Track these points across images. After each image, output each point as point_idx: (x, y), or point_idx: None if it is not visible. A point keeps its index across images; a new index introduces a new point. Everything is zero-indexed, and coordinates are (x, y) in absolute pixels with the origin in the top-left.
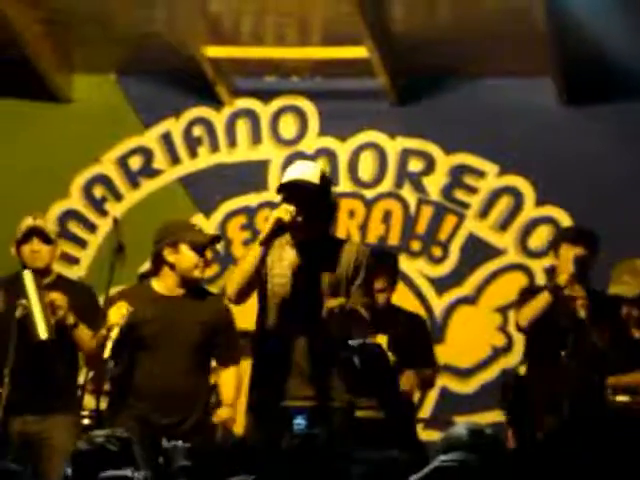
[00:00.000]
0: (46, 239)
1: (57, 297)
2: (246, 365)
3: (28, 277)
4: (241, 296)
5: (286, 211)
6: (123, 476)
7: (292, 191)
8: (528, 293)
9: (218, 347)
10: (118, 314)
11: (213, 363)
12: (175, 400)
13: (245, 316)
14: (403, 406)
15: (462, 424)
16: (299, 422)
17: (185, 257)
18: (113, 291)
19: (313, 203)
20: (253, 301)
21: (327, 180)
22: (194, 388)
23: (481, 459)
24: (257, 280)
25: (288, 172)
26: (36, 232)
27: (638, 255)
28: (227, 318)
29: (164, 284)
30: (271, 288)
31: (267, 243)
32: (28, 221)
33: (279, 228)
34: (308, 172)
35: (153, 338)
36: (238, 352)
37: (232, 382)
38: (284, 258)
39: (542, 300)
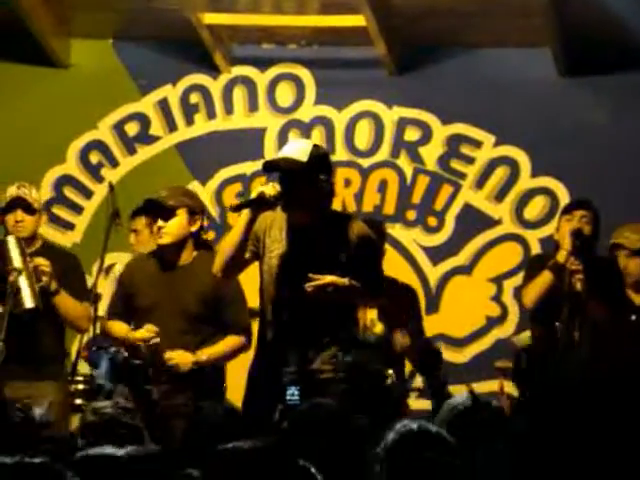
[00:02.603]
0: (29, 209)
1: (41, 262)
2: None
3: (12, 243)
4: (227, 271)
5: (273, 187)
6: (106, 455)
7: (279, 170)
8: (536, 263)
9: (220, 320)
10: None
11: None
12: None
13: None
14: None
15: (463, 394)
16: (292, 393)
17: None
18: (107, 257)
19: (300, 181)
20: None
21: (319, 157)
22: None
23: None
24: (243, 254)
25: (280, 151)
26: (19, 202)
27: None
28: (230, 287)
29: None
30: (268, 270)
31: (236, 210)
32: (11, 190)
33: (261, 202)
34: (296, 150)
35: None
36: (243, 324)
37: (228, 343)
38: (282, 238)
39: (544, 279)
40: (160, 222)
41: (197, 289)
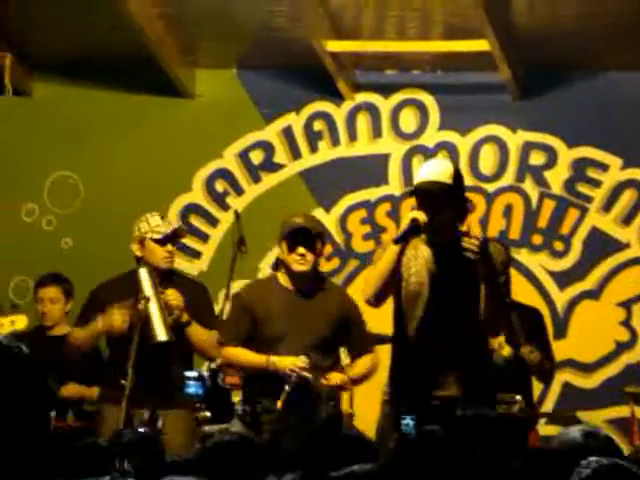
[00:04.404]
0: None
1: (173, 296)
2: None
3: (144, 275)
4: (379, 298)
5: (422, 213)
6: None
7: (426, 192)
8: None
9: (349, 341)
10: None
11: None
12: None
13: (378, 318)
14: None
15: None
16: (407, 423)
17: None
18: (234, 285)
19: (446, 203)
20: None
21: (460, 177)
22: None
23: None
24: (394, 280)
25: (420, 172)
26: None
27: None
28: (354, 310)
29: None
30: (406, 286)
31: (401, 241)
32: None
33: (414, 228)
34: (441, 172)
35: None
36: (371, 342)
37: (365, 363)
38: (419, 256)
39: None
40: (303, 249)
41: (327, 315)
